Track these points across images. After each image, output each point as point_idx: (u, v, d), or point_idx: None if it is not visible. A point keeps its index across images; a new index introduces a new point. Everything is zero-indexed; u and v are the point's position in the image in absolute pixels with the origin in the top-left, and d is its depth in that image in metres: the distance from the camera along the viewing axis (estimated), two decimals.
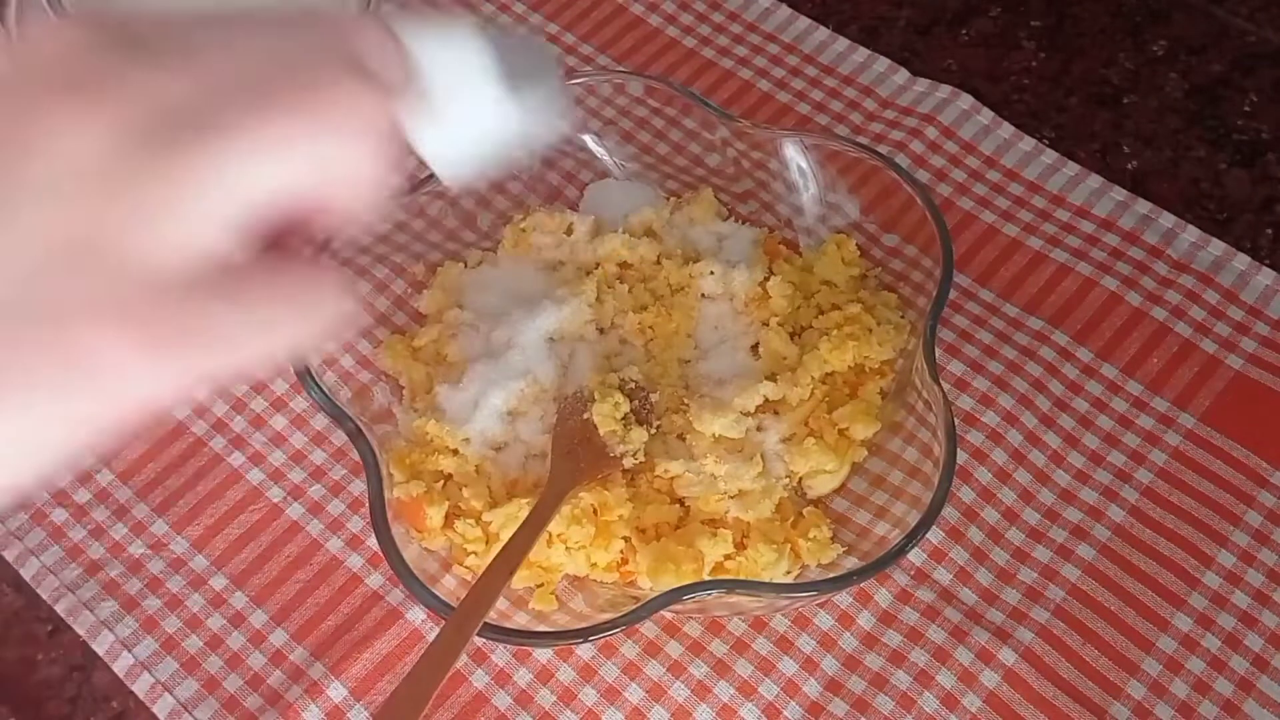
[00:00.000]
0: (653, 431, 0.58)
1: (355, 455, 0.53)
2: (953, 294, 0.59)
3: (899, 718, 0.54)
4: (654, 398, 0.59)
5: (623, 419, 0.57)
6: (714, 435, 0.57)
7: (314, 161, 0.29)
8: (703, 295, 0.62)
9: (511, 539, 0.51)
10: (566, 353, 0.60)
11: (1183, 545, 0.59)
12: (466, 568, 0.55)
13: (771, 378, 0.59)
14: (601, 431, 0.56)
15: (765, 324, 0.61)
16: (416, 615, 0.57)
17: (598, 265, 0.63)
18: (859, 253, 0.63)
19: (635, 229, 0.64)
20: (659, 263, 0.63)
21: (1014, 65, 0.76)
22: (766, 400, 0.58)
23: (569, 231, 0.64)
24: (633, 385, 0.58)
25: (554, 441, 0.57)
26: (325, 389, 0.54)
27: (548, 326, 0.60)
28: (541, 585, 0.55)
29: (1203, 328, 0.65)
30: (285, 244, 0.30)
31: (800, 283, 0.62)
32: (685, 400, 0.59)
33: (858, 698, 0.55)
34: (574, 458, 0.56)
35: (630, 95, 0.66)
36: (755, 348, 0.61)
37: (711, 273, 0.62)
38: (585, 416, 0.57)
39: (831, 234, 0.64)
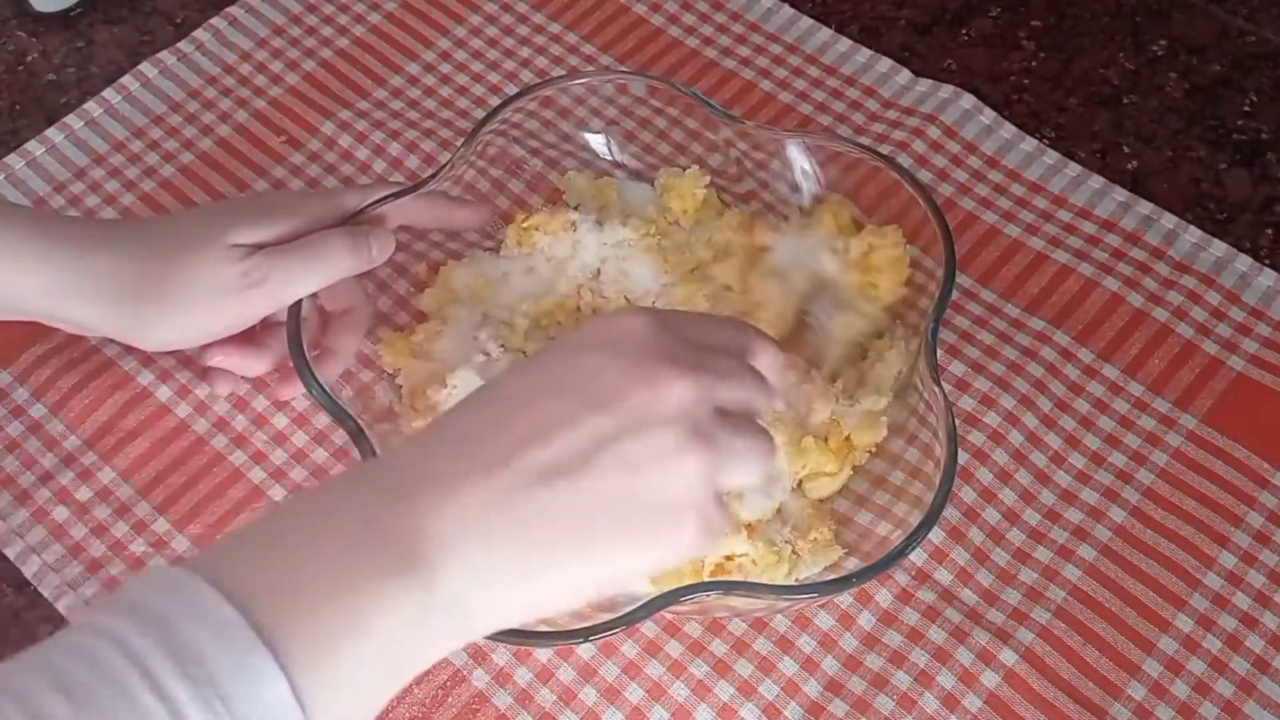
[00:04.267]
0: None
1: (356, 454, 0.53)
2: (954, 294, 0.59)
3: (899, 718, 0.54)
4: None
5: None
6: None
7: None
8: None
9: None
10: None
11: (1184, 546, 0.59)
12: None
13: None
14: None
15: None
16: None
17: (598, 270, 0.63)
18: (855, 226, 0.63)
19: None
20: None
21: (1014, 65, 0.76)
22: None
23: (571, 230, 0.64)
24: None
25: None
26: (326, 388, 0.54)
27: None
28: None
29: (1204, 329, 0.65)
30: None
31: None
32: None
33: (858, 698, 0.55)
34: None
35: (633, 95, 0.66)
36: None
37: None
38: None
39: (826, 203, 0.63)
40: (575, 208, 0.65)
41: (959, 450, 0.53)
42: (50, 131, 0.72)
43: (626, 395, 0.40)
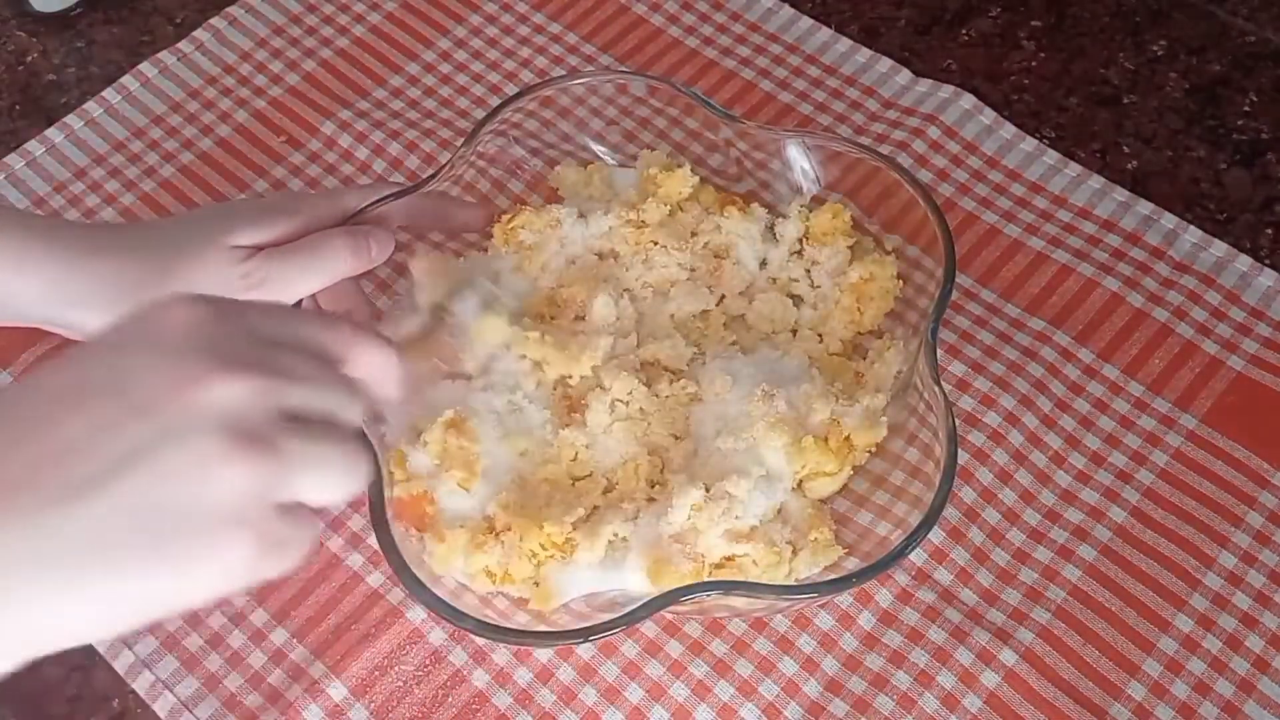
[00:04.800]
0: None
1: None
2: (954, 295, 0.59)
3: (899, 718, 0.54)
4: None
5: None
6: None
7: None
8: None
9: None
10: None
11: (1184, 546, 0.59)
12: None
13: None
14: None
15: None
16: (417, 614, 0.57)
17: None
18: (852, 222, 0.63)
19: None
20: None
21: (1014, 65, 0.76)
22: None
23: (556, 226, 0.63)
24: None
25: None
26: None
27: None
28: (539, 585, 0.54)
29: (1204, 329, 0.65)
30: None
31: None
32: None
33: (858, 698, 0.55)
34: None
35: (633, 95, 0.66)
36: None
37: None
38: None
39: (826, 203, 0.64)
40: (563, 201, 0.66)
41: (959, 450, 0.53)
42: (50, 131, 0.72)
43: (165, 398, 0.36)
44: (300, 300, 0.56)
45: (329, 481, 0.38)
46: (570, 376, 0.59)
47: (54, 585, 0.35)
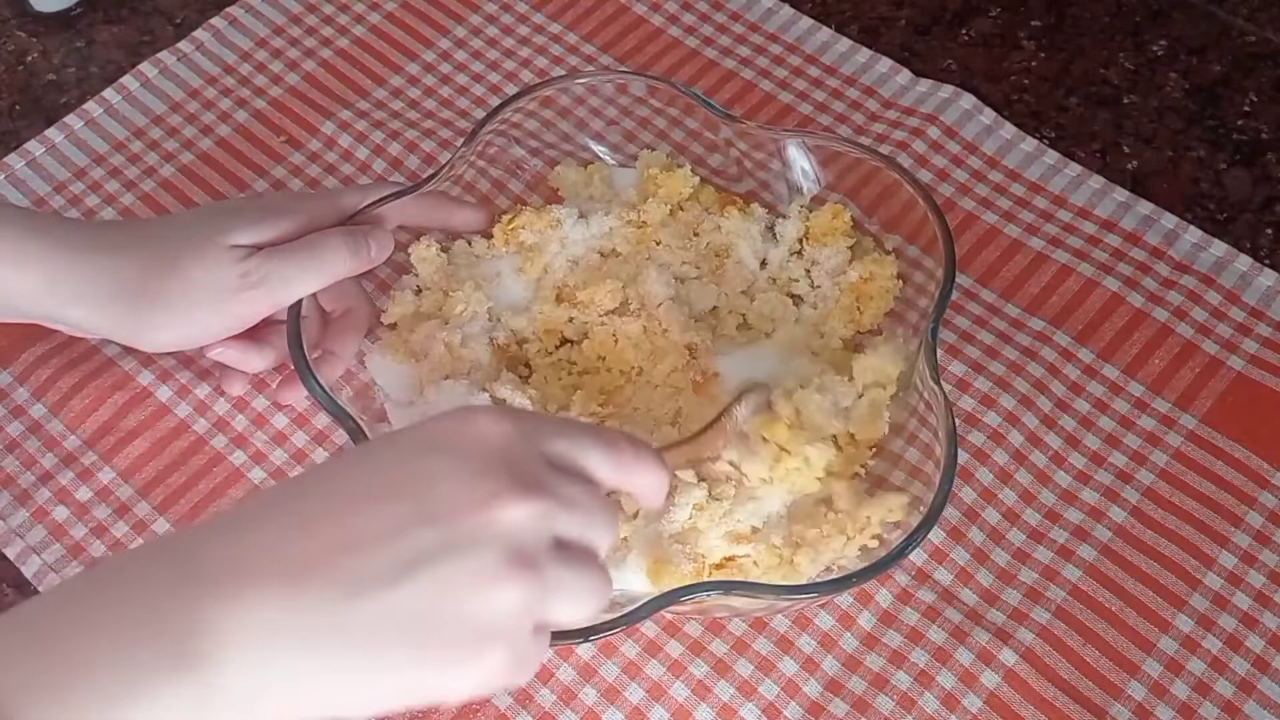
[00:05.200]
0: None
1: None
2: (954, 295, 0.59)
3: (899, 718, 0.54)
4: None
5: None
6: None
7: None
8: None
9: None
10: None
11: (1184, 546, 0.59)
12: None
13: None
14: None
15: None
16: None
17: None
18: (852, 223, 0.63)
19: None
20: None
21: (1014, 65, 0.76)
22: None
23: (557, 226, 0.63)
24: None
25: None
26: (326, 387, 0.54)
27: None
28: None
29: (1204, 329, 0.65)
30: None
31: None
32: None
33: (858, 698, 0.55)
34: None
35: (633, 95, 0.66)
36: None
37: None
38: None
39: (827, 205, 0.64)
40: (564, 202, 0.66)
41: (959, 450, 0.53)
42: (50, 131, 0.72)
43: (458, 510, 0.38)
44: (300, 300, 0.56)
45: (578, 606, 0.41)
46: None
47: (324, 666, 0.37)
